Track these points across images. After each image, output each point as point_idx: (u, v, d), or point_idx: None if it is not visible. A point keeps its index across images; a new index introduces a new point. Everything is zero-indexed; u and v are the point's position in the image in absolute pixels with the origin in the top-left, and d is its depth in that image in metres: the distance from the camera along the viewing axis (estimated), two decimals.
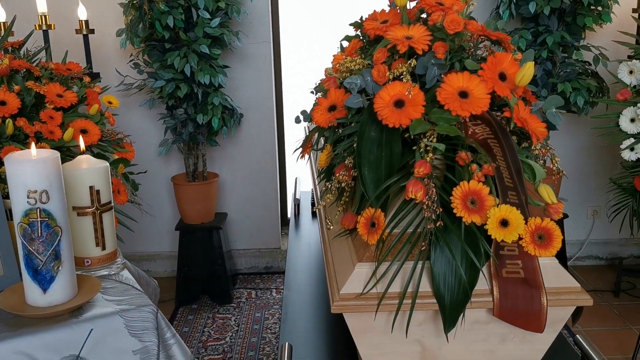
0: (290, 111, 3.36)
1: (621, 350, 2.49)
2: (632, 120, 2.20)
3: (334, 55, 1.51)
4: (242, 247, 3.34)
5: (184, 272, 2.94)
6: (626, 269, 3.08)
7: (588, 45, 2.71)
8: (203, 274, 2.96)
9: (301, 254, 1.91)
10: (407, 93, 1.14)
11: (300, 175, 2.42)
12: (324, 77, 1.57)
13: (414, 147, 1.14)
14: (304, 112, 1.45)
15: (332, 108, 1.35)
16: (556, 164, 1.24)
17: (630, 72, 2.26)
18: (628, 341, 2.53)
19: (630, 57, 2.44)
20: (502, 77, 1.19)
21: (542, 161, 1.23)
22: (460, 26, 1.17)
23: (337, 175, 1.31)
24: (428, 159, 1.11)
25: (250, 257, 3.36)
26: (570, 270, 3.22)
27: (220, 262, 2.95)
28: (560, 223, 2.99)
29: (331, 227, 1.33)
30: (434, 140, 1.13)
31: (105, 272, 1.30)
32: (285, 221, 3.47)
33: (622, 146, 2.23)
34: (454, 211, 1.02)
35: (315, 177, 1.71)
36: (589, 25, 2.61)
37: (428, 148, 1.12)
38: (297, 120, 1.49)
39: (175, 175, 3.03)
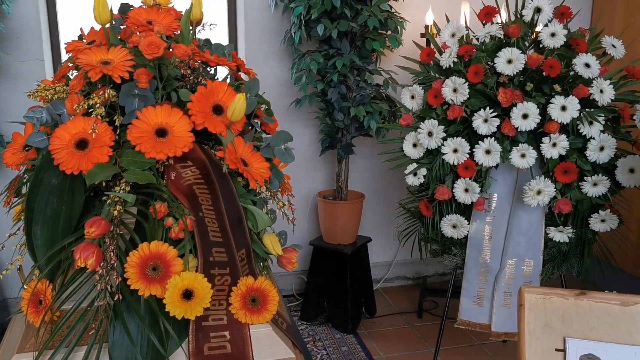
0: None
1: None
2: (415, 145, 2.19)
3: (42, 81, 1.25)
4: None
5: None
6: (429, 288, 3.13)
7: (379, 69, 2.72)
8: None
9: None
10: (90, 131, 0.92)
11: None
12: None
13: (104, 198, 0.93)
14: None
15: (27, 146, 1.09)
16: (282, 209, 1.10)
17: (412, 97, 2.26)
18: None
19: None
20: (218, 110, 1.03)
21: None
22: (160, 50, 0.98)
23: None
24: (116, 212, 0.90)
25: None
26: (378, 292, 3.21)
27: None
28: (364, 247, 2.89)
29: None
30: (127, 188, 0.93)
31: None
32: None
33: (406, 171, 2.21)
34: (128, 282, 0.82)
35: None
36: (378, 50, 2.61)
37: (116, 199, 0.91)
38: None
39: None
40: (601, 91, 1.91)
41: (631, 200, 2.41)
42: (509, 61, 1.95)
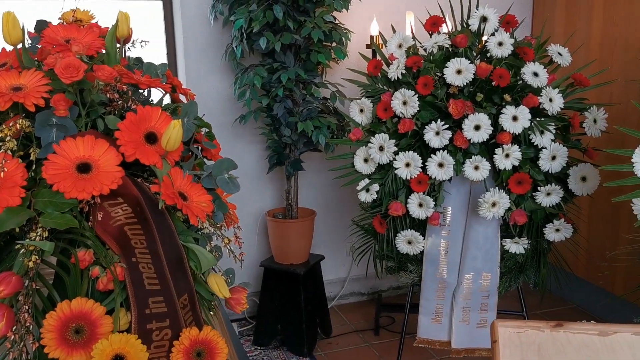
0: None
1: None
2: (366, 160, 2.12)
3: None
4: None
5: None
6: (384, 304, 3.06)
7: (325, 82, 2.64)
8: None
9: None
10: None
11: None
12: None
13: (17, 247, 0.80)
14: None
15: None
16: (229, 246, 0.99)
17: (361, 110, 2.19)
18: None
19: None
20: (151, 138, 0.91)
21: None
22: (80, 73, 0.86)
23: None
24: (31, 263, 0.77)
25: None
26: (333, 310, 3.12)
27: None
28: (317, 265, 2.77)
29: None
30: (45, 234, 0.80)
31: None
32: None
33: (358, 187, 2.13)
34: (46, 350, 0.69)
35: None
36: (324, 62, 2.53)
37: (31, 248, 0.78)
38: None
39: None
40: (550, 100, 1.89)
41: (581, 206, 2.41)
42: (459, 72, 1.90)
